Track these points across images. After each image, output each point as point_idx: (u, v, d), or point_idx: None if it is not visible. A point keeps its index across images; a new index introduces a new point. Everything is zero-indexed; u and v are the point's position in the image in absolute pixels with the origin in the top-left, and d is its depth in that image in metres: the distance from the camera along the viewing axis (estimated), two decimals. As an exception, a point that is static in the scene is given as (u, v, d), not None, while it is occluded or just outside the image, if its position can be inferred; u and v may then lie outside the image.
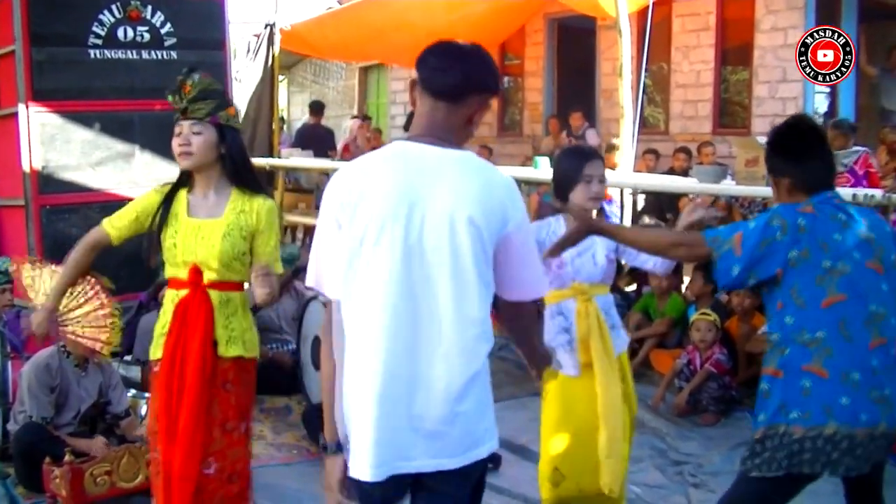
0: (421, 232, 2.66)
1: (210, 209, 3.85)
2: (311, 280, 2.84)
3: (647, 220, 9.85)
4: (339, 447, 2.82)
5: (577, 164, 4.34)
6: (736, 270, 3.37)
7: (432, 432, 2.70)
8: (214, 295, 3.84)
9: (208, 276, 3.81)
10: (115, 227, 4.05)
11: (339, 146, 14.19)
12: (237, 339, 3.88)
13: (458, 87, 2.76)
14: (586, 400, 4.29)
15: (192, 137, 3.79)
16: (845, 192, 6.74)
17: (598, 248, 4.36)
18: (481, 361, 2.75)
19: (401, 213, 2.66)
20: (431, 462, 2.71)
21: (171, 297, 3.89)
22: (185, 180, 3.93)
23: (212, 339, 3.82)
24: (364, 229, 2.68)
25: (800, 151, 3.51)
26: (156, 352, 3.91)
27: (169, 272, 3.90)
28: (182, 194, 3.90)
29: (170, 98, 3.85)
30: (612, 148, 9.95)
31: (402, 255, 2.66)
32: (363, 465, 2.69)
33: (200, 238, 3.80)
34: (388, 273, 2.66)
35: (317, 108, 15.95)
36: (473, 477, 2.83)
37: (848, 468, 3.31)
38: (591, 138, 12.76)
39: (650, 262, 4.47)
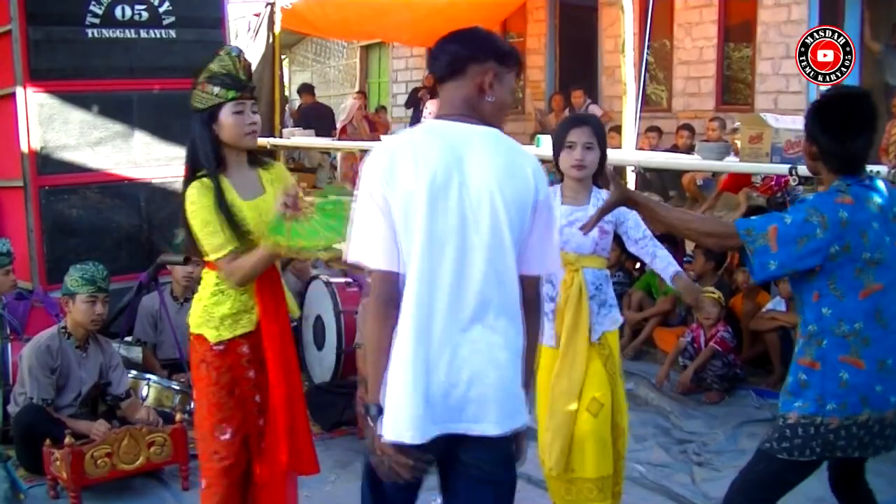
0: (463, 202, 2.79)
1: (252, 188, 3.85)
2: (353, 255, 2.87)
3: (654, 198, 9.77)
4: (382, 410, 2.84)
5: (563, 130, 4.30)
6: (773, 266, 3.28)
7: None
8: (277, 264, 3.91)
9: None
10: (231, 241, 3.72)
11: (338, 126, 14.14)
12: (290, 302, 4.00)
13: (450, 64, 2.93)
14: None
15: (255, 117, 3.87)
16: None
17: None
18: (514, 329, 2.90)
19: (444, 184, 2.77)
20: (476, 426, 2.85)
21: None
22: (214, 170, 3.80)
23: (287, 308, 3.92)
24: (410, 204, 2.77)
25: (842, 126, 3.37)
26: (224, 332, 3.80)
27: None
28: (224, 182, 3.81)
29: (241, 76, 3.83)
30: (614, 129, 9.90)
31: (450, 225, 2.78)
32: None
33: (263, 216, 3.77)
34: (438, 242, 2.78)
35: (306, 88, 15.96)
36: (507, 449, 2.93)
37: (877, 449, 3.37)
38: (595, 113, 12.70)
39: (648, 258, 4.41)
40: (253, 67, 11.98)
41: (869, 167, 5.99)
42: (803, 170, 6.19)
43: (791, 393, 3.40)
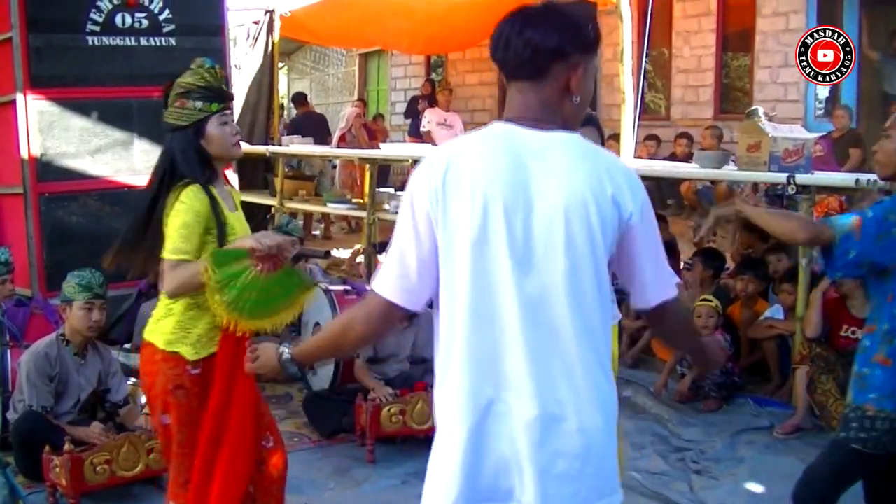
0: (530, 229, 2.28)
1: (230, 202, 3.80)
2: (375, 281, 2.42)
3: None
4: (300, 375, 2.73)
5: None
6: (853, 253, 3.40)
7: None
8: None
9: None
10: (193, 254, 3.54)
11: (336, 135, 14.18)
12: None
13: (530, 61, 2.37)
14: None
15: (236, 126, 3.80)
16: (847, 177, 6.70)
17: None
18: (607, 384, 2.39)
19: (506, 207, 2.27)
20: None
21: None
22: (205, 181, 3.69)
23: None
24: (464, 226, 2.28)
25: None
26: (202, 350, 3.65)
27: None
28: (214, 191, 3.70)
29: (223, 86, 3.75)
30: (612, 137, 9.93)
31: (512, 258, 2.27)
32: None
33: (243, 231, 3.76)
34: (496, 280, 2.28)
35: (300, 98, 16.00)
36: None
37: None
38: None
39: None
40: (252, 75, 11.97)
41: (865, 176, 6.03)
42: (801, 179, 6.21)
43: (864, 385, 3.49)
